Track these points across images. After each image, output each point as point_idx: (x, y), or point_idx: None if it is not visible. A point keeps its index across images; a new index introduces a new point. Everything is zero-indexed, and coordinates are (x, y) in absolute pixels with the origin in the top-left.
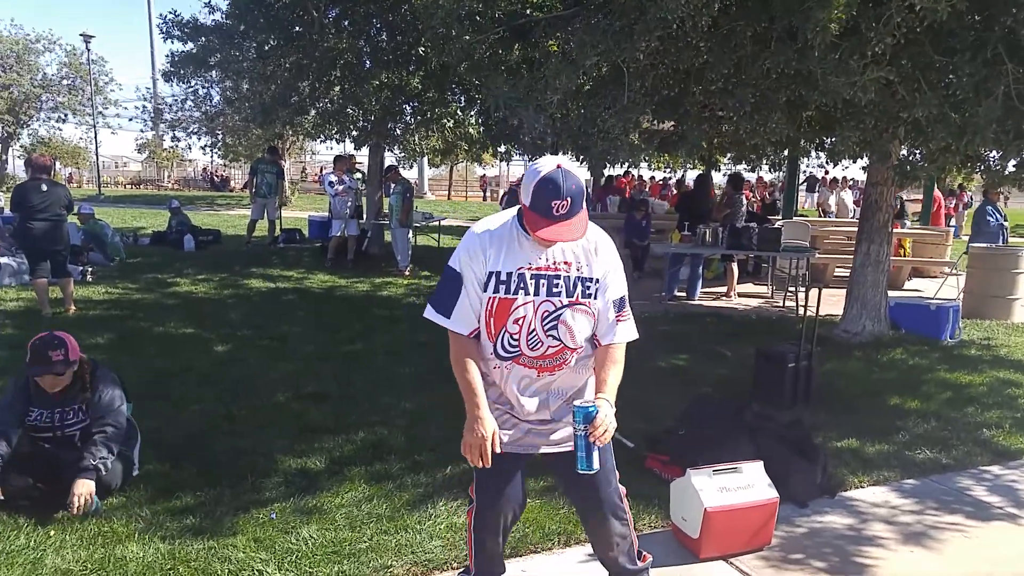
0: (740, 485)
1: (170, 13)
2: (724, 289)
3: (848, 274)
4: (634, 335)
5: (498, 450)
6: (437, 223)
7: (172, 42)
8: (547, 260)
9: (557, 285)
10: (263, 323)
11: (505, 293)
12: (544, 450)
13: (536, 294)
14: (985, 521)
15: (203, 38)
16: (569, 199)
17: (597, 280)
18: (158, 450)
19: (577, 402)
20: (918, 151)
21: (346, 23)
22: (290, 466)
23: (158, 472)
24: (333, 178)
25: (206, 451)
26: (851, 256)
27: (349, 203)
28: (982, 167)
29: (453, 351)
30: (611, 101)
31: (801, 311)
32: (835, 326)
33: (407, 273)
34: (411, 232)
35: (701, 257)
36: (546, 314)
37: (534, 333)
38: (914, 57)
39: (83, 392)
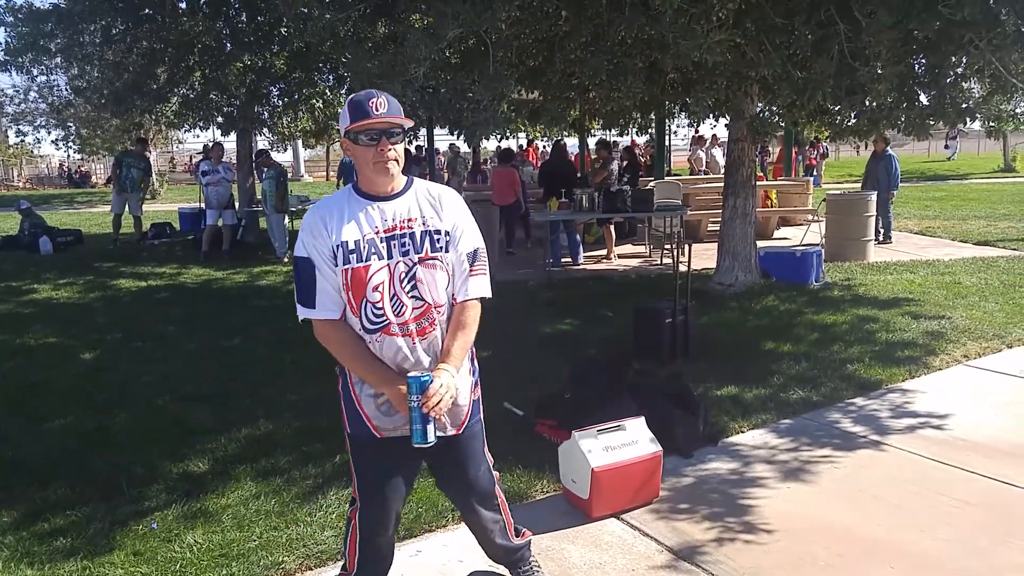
0: (624, 442)
1: None
2: (604, 252)
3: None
4: (488, 292)
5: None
6: None
7: (5, 29)
8: (393, 220)
9: (405, 243)
10: (135, 325)
11: (357, 262)
12: (442, 433)
13: (390, 257)
14: (852, 451)
15: (40, 23)
16: (383, 99)
17: (447, 232)
18: (21, 472)
19: (411, 372)
20: (770, 107)
21: (202, 4)
22: (171, 472)
23: (22, 496)
24: (207, 167)
25: (76, 467)
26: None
27: (222, 192)
28: (827, 120)
29: (332, 342)
30: (478, 73)
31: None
32: (710, 279)
33: (286, 260)
34: (287, 217)
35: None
36: (403, 275)
37: (396, 297)
38: (757, 20)
39: None
